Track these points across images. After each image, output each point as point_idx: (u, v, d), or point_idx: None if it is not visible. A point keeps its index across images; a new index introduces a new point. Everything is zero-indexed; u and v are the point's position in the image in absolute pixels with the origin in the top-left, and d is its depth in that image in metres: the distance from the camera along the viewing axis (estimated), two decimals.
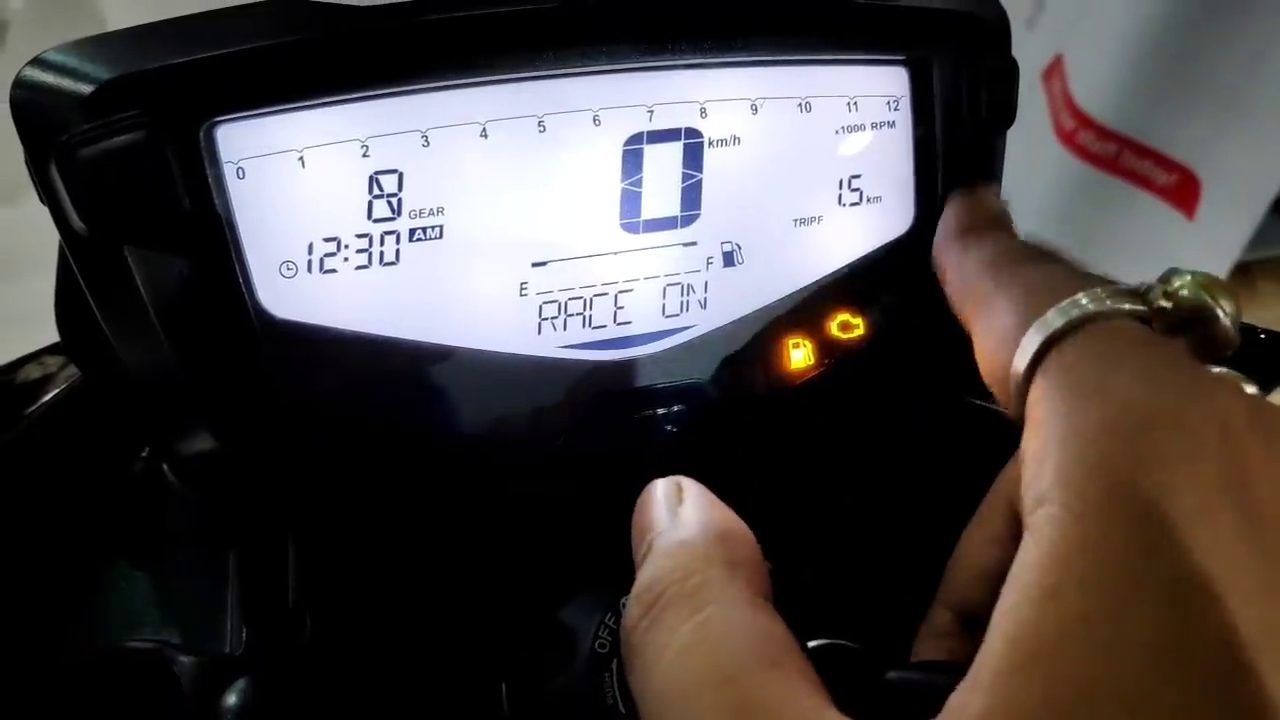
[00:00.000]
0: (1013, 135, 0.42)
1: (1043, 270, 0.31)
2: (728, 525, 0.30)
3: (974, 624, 0.36)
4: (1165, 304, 0.28)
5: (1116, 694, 0.21)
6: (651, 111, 0.37)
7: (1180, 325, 0.28)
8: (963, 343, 0.45)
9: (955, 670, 0.24)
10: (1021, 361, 0.28)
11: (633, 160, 0.37)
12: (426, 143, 0.35)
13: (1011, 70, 0.41)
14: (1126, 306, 0.27)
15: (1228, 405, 0.24)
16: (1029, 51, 0.39)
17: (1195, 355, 0.27)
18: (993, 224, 0.37)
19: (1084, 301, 0.27)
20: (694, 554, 0.28)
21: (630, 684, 0.27)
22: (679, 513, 0.30)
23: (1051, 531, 0.23)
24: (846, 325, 0.42)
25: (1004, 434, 0.36)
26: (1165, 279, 0.28)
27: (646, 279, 0.39)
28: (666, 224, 0.39)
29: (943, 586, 0.37)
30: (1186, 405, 0.24)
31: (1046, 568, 0.22)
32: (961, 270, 0.35)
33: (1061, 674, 0.21)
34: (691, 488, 0.31)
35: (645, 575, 0.29)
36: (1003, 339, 0.29)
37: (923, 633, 0.36)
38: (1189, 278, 0.28)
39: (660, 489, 0.31)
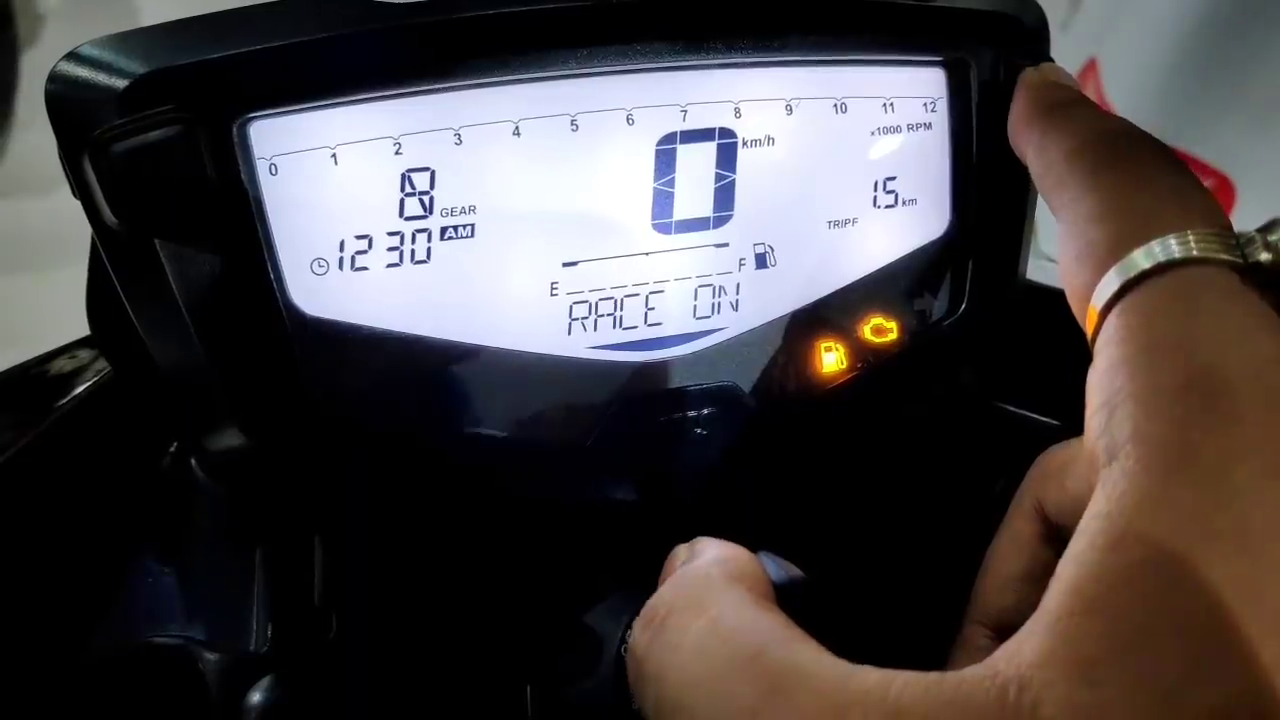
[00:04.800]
0: None
1: (1138, 179, 0.28)
2: (732, 555, 0.31)
3: (1007, 636, 0.35)
4: (1264, 256, 0.26)
5: (1177, 637, 0.20)
6: (685, 111, 0.37)
7: (1275, 280, 0.26)
8: (995, 348, 0.45)
9: None
10: (1100, 299, 0.26)
11: (665, 160, 0.37)
12: (459, 141, 0.34)
13: None
14: (1220, 256, 0.25)
15: None
16: (1063, 54, 0.39)
17: None
18: (1075, 102, 0.33)
19: (1173, 246, 0.26)
20: (695, 573, 0.29)
21: (643, 697, 0.27)
22: (690, 556, 0.32)
23: (1125, 486, 0.23)
24: (880, 329, 0.41)
25: (1036, 440, 0.36)
26: (1267, 228, 0.26)
27: (678, 280, 0.39)
28: (699, 225, 0.38)
29: (973, 601, 0.36)
30: (1266, 375, 0.23)
31: (1116, 519, 0.22)
32: (1046, 156, 0.32)
33: (1123, 615, 0.21)
34: (705, 539, 0.33)
35: (649, 602, 0.29)
36: (1087, 256, 0.28)
37: (955, 651, 0.36)
38: None
39: (680, 550, 0.33)
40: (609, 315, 0.38)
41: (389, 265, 0.35)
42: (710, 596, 0.27)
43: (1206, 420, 0.22)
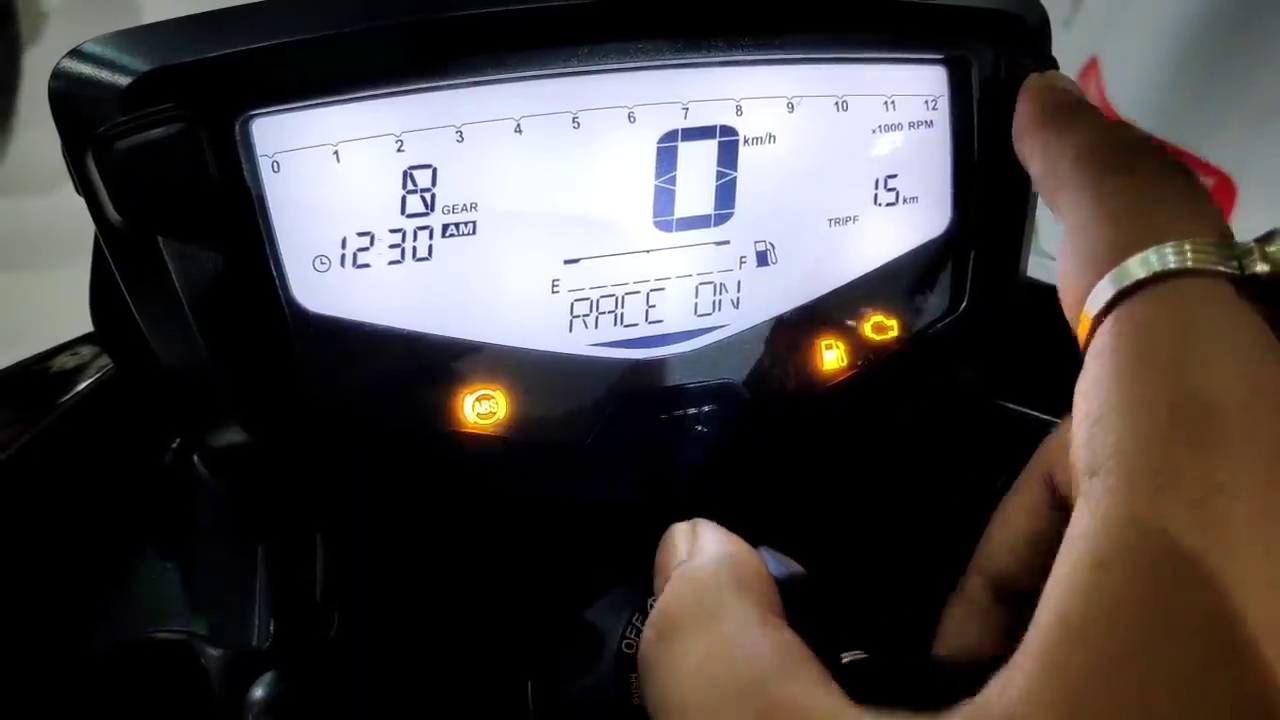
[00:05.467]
0: None
1: (1142, 185, 0.28)
2: (737, 552, 0.31)
3: (1006, 595, 0.35)
4: (1261, 268, 0.25)
5: (1165, 668, 0.20)
6: (686, 109, 0.37)
7: (1273, 292, 0.25)
8: (995, 346, 0.45)
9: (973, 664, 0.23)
10: (1094, 306, 0.26)
11: (667, 158, 0.37)
12: (461, 138, 0.34)
13: None
14: (1216, 268, 0.25)
15: None
16: (1064, 52, 0.39)
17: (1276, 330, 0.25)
18: (1080, 107, 0.34)
19: (1169, 255, 0.25)
20: (703, 578, 0.30)
21: (647, 697, 0.28)
22: (693, 548, 0.32)
23: (1109, 504, 0.22)
24: (880, 327, 0.41)
25: (1037, 438, 0.36)
26: (1266, 238, 0.26)
27: (679, 278, 0.39)
28: (700, 222, 0.38)
29: (977, 554, 0.36)
30: (1256, 397, 0.23)
31: (1101, 538, 0.22)
32: (1050, 160, 0.32)
33: (1110, 644, 0.21)
34: (705, 526, 0.33)
35: (660, 602, 0.30)
36: (1084, 261, 0.27)
37: (953, 601, 0.36)
38: None
39: (678, 530, 0.33)
40: (610, 312, 0.38)
41: (391, 262, 0.35)
42: (720, 610, 0.28)
43: (1191, 442, 0.22)
